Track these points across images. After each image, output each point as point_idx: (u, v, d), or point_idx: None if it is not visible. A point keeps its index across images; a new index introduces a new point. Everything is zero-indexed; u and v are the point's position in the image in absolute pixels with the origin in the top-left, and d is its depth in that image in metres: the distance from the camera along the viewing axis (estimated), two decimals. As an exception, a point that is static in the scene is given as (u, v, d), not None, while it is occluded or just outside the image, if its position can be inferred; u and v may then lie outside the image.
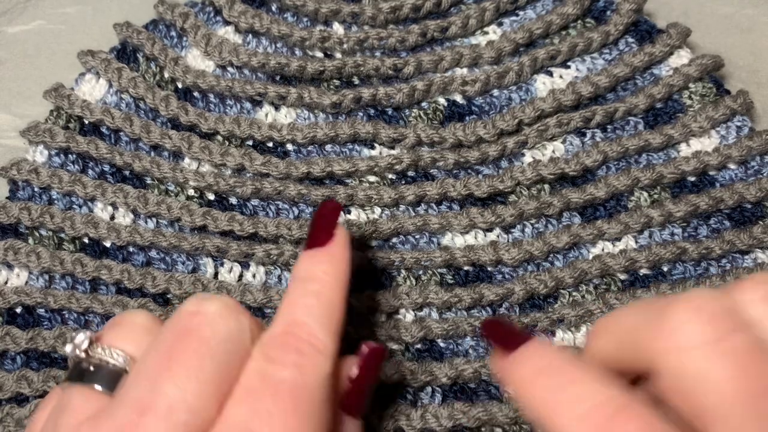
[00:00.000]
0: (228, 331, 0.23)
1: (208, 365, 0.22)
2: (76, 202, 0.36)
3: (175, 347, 0.23)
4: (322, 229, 0.27)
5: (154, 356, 0.23)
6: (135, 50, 0.38)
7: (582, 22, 0.38)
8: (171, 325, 0.24)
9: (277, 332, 0.24)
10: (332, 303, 0.26)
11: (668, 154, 0.36)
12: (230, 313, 0.24)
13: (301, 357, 0.23)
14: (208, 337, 0.23)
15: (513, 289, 0.33)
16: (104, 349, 0.25)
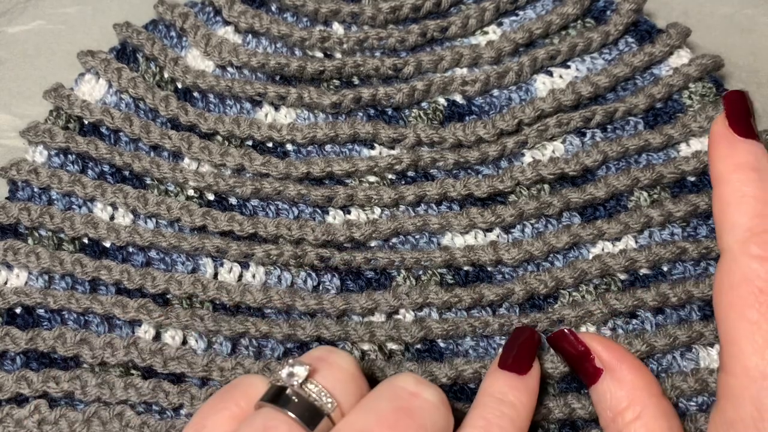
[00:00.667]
0: (443, 423, 0.24)
1: None
2: (75, 202, 0.36)
3: (394, 421, 0.23)
4: (524, 356, 0.28)
5: (373, 424, 0.23)
6: (135, 50, 0.38)
7: (582, 22, 0.38)
8: (388, 395, 0.24)
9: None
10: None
11: (668, 154, 0.36)
12: (446, 409, 0.25)
13: None
14: (426, 425, 0.23)
15: (513, 289, 0.33)
16: (318, 387, 0.24)
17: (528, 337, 0.29)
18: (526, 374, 0.28)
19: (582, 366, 0.28)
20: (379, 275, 0.35)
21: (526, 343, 0.29)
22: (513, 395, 0.27)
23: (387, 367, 0.32)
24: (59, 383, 0.33)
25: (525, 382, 0.28)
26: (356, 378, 0.25)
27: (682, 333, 0.32)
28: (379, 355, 0.33)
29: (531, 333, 0.30)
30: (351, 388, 0.25)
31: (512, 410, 0.26)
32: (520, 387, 0.27)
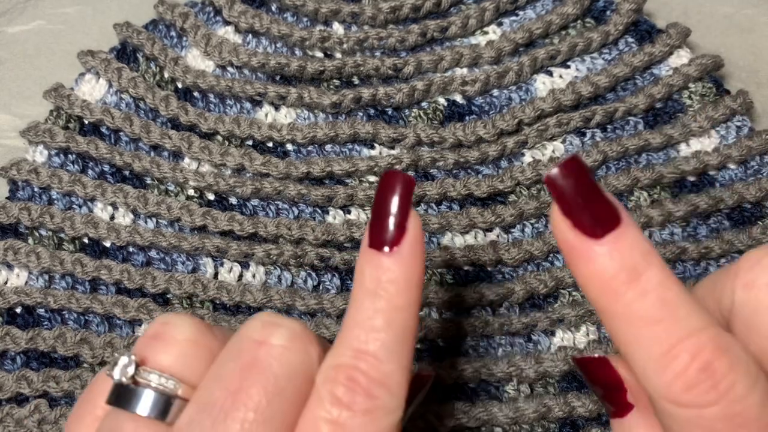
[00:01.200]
0: (298, 362, 0.21)
1: (276, 405, 0.21)
2: (75, 202, 0.36)
3: (241, 385, 0.21)
4: (391, 219, 0.22)
5: (218, 392, 0.21)
6: (135, 50, 0.38)
7: (582, 22, 0.38)
8: (234, 353, 0.22)
9: (344, 364, 0.21)
10: (405, 328, 0.22)
11: (668, 154, 0.36)
12: (299, 345, 0.22)
13: (372, 402, 0.21)
14: (277, 373, 0.21)
15: (513, 289, 0.33)
16: (152, 373, 0.22)
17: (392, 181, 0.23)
18: (400, 243, 0.22)
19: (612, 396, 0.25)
20: (379, 275, 0.35)
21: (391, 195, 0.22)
22: (386, 278, 0.22)
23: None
24: (59, 383, 0.33)
25: (400, 257, 0.22)
26: (199, 344, 0.23)
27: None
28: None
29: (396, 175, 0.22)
30: (195, 357, 0.22)
31: (388, 302, 0.22)
32: (393, 267, 0.22)
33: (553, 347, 0.33)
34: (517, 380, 0.32)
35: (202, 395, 0.21)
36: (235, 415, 0.20)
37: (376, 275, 0.22)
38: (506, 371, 0.32)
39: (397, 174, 0.22)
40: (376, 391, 0.21)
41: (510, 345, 0.33)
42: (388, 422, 0.21)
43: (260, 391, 0.21)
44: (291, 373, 0.21)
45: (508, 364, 0.32)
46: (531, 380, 0.32)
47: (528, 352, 0.33)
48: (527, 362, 0.32)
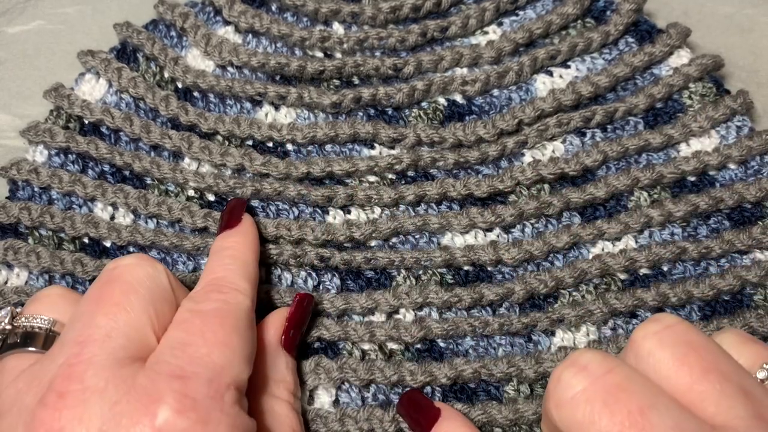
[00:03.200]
0: (145, 273, 0.27)
1: (134, 299, 0.26)
2: (76, 202, 0.36)
3: (102, 291, 0.27)
4: (231, 216, 0.33)
5: (84, 304, 0.27)
6: (135, 50, 0.38)
7: (582, 22, 0.38)
8: (96, 281, 0.28)
9: (201, 287, 0.29)
10: (246, 262, 0.31)
11: (668, 154, 0.36)
12: (145, 261, 0.28)
13: (224, 295, 0.28)
14: (129, 279, 0.27)
15: (513, 289, 0.33)
16: (27, 317, 0.28)
17: (229, 204, 0.34)
18: (236, 226, 0.32)
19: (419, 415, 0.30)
20: (379, 275, 0.35)
21: (229, 209, 0.33)
22: (229, 240, 0.32)
23: (387, 367, 0.32)
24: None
25: (237, 229, 0.32)
26: (69, 297, 0.29)
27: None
28: (379, 355, 0.33)
29: (232, 200, 0.35)
30: (64, 302, 0.28)
31: (230, 250, 0.31)
32: (232, 233, 0.32)
33: (553, 347, 0.33)
34: (516, 380, 0.32)
35: (73, 313, 0.27)
36: (99, 311, 0.26)
37: (222, 241, 0.32)
38: (506, 371, 0.32)
39: (233, 199, 0.35)
40: (226, 290, 0.28)
41: (510, 345, 0.33)
42: (237, 305, 0.28)
43: (118, 292, 0.26)
44: (141, 278, 0.27)
45: (508, 364, 0.32)
46: (531, 380, 0.32)
47: (528, 352, 0.33)
48: (527, 362, 0.32)
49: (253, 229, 0.33)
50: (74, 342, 0.25)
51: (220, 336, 0.26)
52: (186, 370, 0.24)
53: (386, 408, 0.32)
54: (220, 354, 0.26)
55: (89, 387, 0.24)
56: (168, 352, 0.25)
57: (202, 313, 0.27)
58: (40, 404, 0.23)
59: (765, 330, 0.32)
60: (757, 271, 0.33)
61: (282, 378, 0.31)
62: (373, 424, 0.32)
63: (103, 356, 0.24)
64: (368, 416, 0.32)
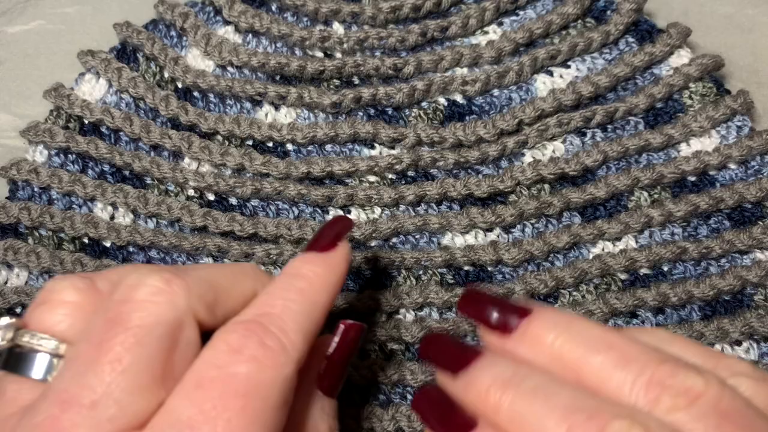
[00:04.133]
0: (159, 317, 0.22)
1: (138, 356, 0.21)
2: (75, 202, 0.36)
3: (103, 338, 0.21)
4: (327, 237, 0.27)
5: (82, 348, 0.22)
6: (135, 50, 0.38)
7: (582, 22, 0.38)
8: (102, 312, 0.22)
9: (246, 319, 0.23)
10: (315, 304, 0.24)
11: (668, 154, 0.36)
12: (162, 298, 0.22)
13: (264, 351, 0.22)
14: (137, 324, 0.21)
15: (513, 289, 0.33)
16: (32, 336, 0.23)
17: (334, 220, 0.28)
18: (327, 251, 0.26)
19: None
20: (379, 275, 0.35)
21: (330, 225, 0.27)
22: (308, 268, 0.25)
23: (387, 367, 0.32)
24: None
25: (325, 257, 0.26)
26: (84, 306, 0.23)
27: (683, 333, 0.32)
28: (379, 355, 0.33)
29: (340, 217, 0.28)
30: (79, 318, 0.23)
31: (304, 282, 0.25)
32: (317, 261, 0.26)
33: (553, 347, 0.33)
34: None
35: (70, 350, 0.22)
36: (93, 368, 0.21)
37: (301, 265, 0.25)
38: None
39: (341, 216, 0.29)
40: (269, 342, 0.22)
41: (510, 345, 0.33)
42: (276, 375, 0.21)
43: (120, 345, 0.21)
44: (154, 324, 0.21)
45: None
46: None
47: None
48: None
49: (344, 264, 0.26)
50: (57, 400, 0.21)
51: (235, 425, 0.20)
52: None
53: (386, 407, 0.32)
54: None
55: None
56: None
57: (227, 380, 0.21)
58: None
59: (765, 330, 0.32)
60: (757, 271, 0.33)
61: (320, 426, 0.25)
62: (372, 424, 0.32)
63: (84, 428, 0.20)
64: (368, 415, 0.32)
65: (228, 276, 0.25)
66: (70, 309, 0.23)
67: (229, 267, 0.26)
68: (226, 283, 0.24)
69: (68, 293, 0.23)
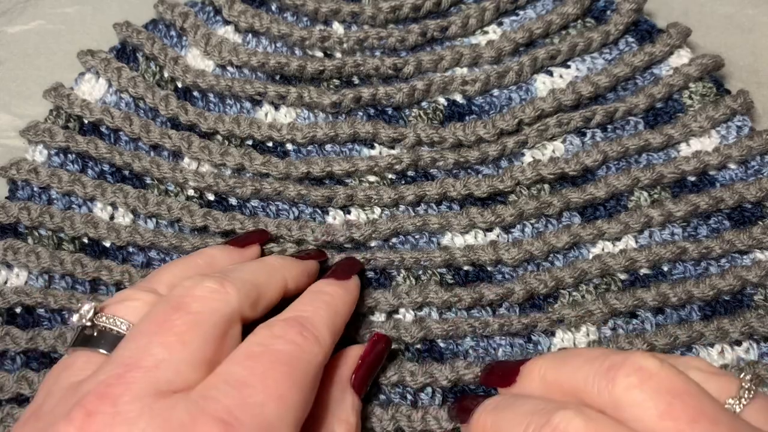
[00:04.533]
0: (214, 307, 0.26)
1: (196, 334, 0.25)
2: (75, 201, 0.36)
3: (167, 317, 0.25)
4: (343, 269, 0.32)
5: (146, 323, 0.25)
6: (135, 50, 0.38)
7: (582, 22, 0.38)
8: (164, 300, 0.27)
9: (285, 317, 0.28)
10: (338, 312, 0.30)
11: (668, 154, 0.36)
12: (217, 295, 0.26)
13: (302, 339, 0.26)
14: (196, 310, 0.25)
15: (513, 289, 0.33)
16: (108, 317, 0.27)
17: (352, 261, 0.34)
18: (344, 280, 0.32)
19: None
20: (379, 275, 0.35)
21: (349, 263, 0.33)
22: (330, 288, 0.31)
23: (387, 368, 0.32)
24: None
25: (340, 283, 0.31)
26: (150, 302, 0.27)
27: (683, 333, 0.32)
28: (379, 355, 0.33)
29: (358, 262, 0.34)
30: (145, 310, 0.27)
31: (328, 297, 0.30)
32: (335, 284, 0.31)
33: (553, 348, 0.33)
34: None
35: (134, 328, 0.26)
36: (157, 339, 0.24)
37: (324, 286, 0.31)
38: (506, 371, 0.32)
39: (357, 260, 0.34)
40: (306, 333, 0.27)
41: (510, 345, 0.33)
42: (311, 358, 0.26)
43: (181, 323, 0.25)
44: (209, 312, 0.26)
45: (508, 364, 0.32)
46: (531, 380, 0.32)
47: (528, 352, 0.33)
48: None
49: (356, 291, 0.32)
50: (121, 363, 0.24)
51: (282, 388, 0.24)
52: (233, 415, 0.23)
53: (386, 408, 0.32)
54: (275, 409, 0.24)
55: (120, 413, 0.22)
56: (221, 388, 0.23)
57: (273, 354, 0.25)
58: (65, 418, 0.22)
59: (765, 330, 0.32)
60: (757, 271, 0.33)
61: (346, 418, 0.29)
62: (372, 424, 0.32)
63: (144, 384, 0.23)
64: (367, 415, 0.32)
65: (264, 273, 0.30)
66: (140, 303, 0.27)
67: (263, 264, 0.31)
68: (263, 281, 0.29)
69: (138, 293, 0.28)
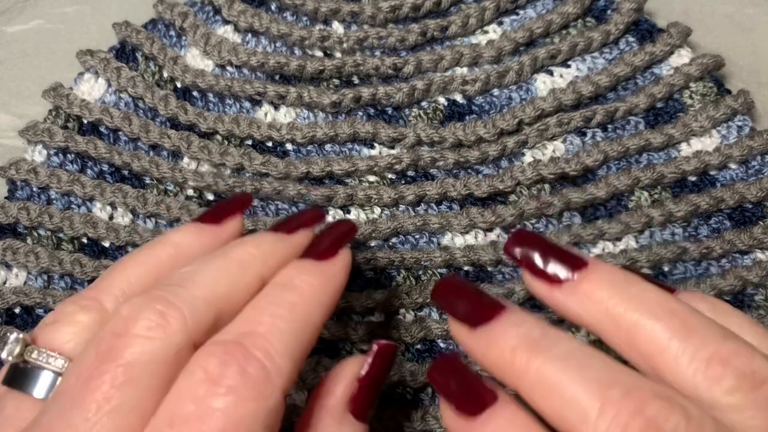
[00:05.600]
0: (153, 354, 0.20)
1: (127, 395, 0.19)
2: (74, 201, 0.36)
3: (93, 374, 0.20)
4: (326, 242, 0.24)
5: (72, 381, 0.20)
6: (134, 49, 0.38)
7: (582, 22, 0.38)
8: (95, 342, 0.21)
9: (227, 339, 0.21)
10: (306, 322, 0.22)
11: (669, 154, 0.36)
12: (158, 332, 0.20)
13: (244, 380, 0.19)
14: (128, 362, 0.20)
15: (513, 289, 0.33)
16: (40, 352, 0.22)
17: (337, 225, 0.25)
18: (325, 259, 0.24)
19: None
20: (379, 275, 0.35)
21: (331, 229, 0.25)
22: (302, 279, 0.23)
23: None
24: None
25: (321, 266, 0.23)
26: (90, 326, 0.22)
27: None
28: (379, 356, 0.33)
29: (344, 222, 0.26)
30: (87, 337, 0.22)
31: (295, 295, 0.22)
32: (312, 270, 0.23)
33: (553, 348, 0.33)
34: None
35: (60, 384, 0.21)
36: (79, 406, 0.19)
37: (292, 273, 0.23)
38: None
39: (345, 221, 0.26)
40: (251, 369, 0.20)
41: (510, 345, 0.33)
42: (258, 407, 0.19)
43: (109, 379, 0.19)
44: (147, 361, 0.20)
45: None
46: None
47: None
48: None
49: (343, 275, 0.24)
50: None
51: None
52: None
53: (386, 407, 0.32)
54: None
55: None
56: None
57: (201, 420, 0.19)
58: None
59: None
60: (758, 271, 0.33)
61: None
62: (371, 424, 0.31)
63: None
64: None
65: (226, 280, 0.22)
66: (78, 328, 0.22)
67: (227, 264, 0.23)
68: (225, 291, 0.22)
69: (77, 314, 0.23)
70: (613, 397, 0.17)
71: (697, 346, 0.18)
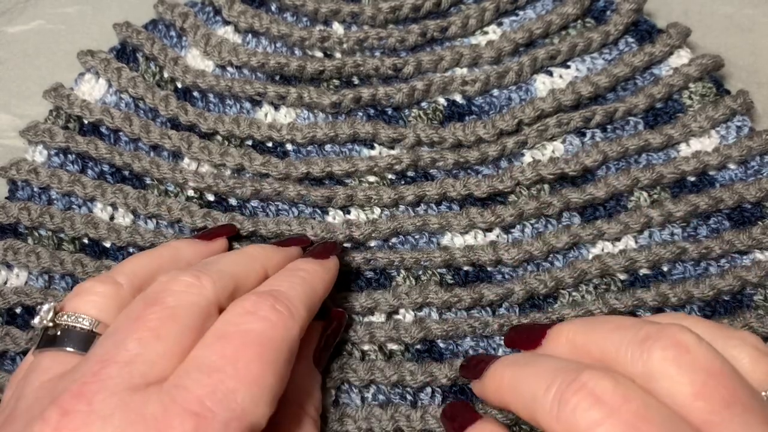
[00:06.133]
0: (191, 300, 0.26)
1: (171, 328, 0.24)
2: (75, 202, 0.36)
3: (142, 313, 0.25)
4: (322, 250, 0.32)
5: (122, 320, 0.25)
6: (134, 50, 0.38)
7: (582, 22, 0.38)
8: (140, 296, 0.26)
9: (259, 291, 0.27)
10: (314, 289, 0.29)
11: (668, 154, 0.36)
12: (194, 288, 0.26)
13: (275, 314, 0.26)
14: (172, 305, 0.25)
15: (513, 289, 0.33)
16: (69, 315, 0.27)
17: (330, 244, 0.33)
18: (325, 259, 0.31)
19: None
20: (379, 275, 0.35)
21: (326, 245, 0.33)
22: (308, 265, 0.30)
23: (387, 368, 0.32)
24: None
25: (318, 261, 0.31)
26: (114, 296, 0.27)
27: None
28: (379, 355, 0.33)
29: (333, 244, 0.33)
30: (111, 305, 0.27)
31: (304, 273, 0.29)
32: (312, 262, 0.31)
33: (552, 347, 0.33)
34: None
35: (110, 327, 0.26)
36: (132, 334, 0.24)
37: (299, 263, 0.30)
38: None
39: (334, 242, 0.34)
40: (279, 307, 0.26)
41: (510, 345, 0.33)
42: (284, 334, 0.25)
43: (156, 317, 0.25)
44: (185, 305, 0.25)
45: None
46: (531, 380, 0.32)
47: (528, 352, 0.33)
48: (527, 362, 0.32)
49: (335, 270, 0.32)
50: (96, 360, 0.24)
51: (253, 371, 0.24)
52: (205, 405, 0.22)
53: (385, 407, 0.32)
54: (248, 393, 0.23)
55: (95, 411, 0.22)
56: (193, 375, 0.23)
57: (244, 334, 0.25)
58: (41, 418, 0.22)
59: (765, 330, 0.32)
60: (757, 271, 0.33)
61: (313, 394, 0.30)
62: (371, 424, 0.32)
63: (119, 379, 0.23)
64: (367, 415, 0.32)
65: (241, 264, 0.29)
66: (98, 297, 0.27)
67: (240, 255, 0.30)
68: (241, 271, 0.28)
69: (96, 286, 0.28)
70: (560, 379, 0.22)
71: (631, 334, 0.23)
